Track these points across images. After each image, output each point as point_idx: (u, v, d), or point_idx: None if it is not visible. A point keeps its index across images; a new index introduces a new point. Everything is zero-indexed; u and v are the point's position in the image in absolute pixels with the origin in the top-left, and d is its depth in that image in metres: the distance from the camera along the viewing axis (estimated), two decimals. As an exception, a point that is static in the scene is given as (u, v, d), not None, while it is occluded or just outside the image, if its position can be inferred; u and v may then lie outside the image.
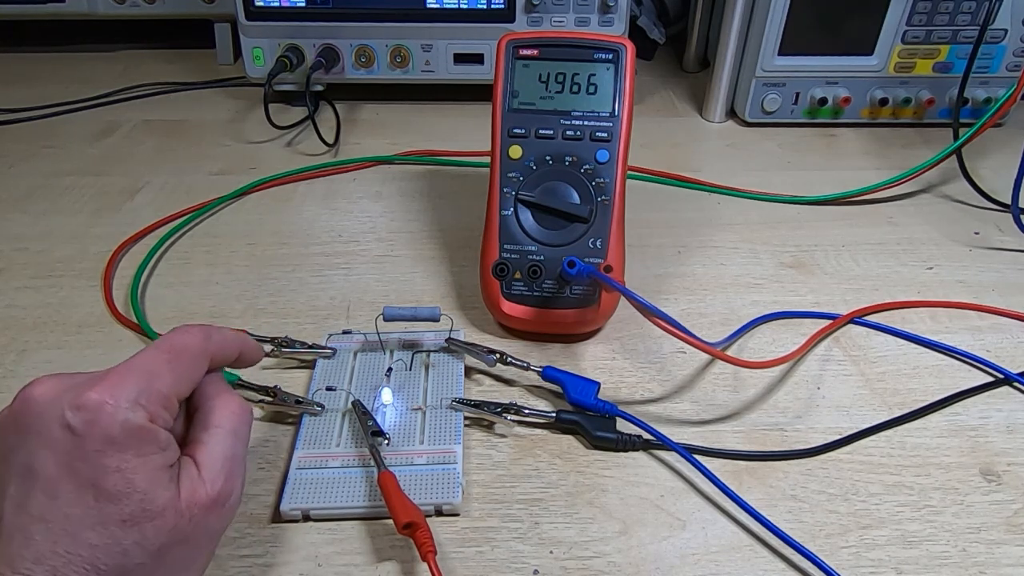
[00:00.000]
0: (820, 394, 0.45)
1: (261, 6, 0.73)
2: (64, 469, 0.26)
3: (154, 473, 0.28)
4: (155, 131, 0.74)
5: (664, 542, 0.37)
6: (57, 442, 0.27)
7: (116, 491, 0.26)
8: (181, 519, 0.28)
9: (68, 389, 0.28)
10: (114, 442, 0.27)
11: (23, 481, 0.27)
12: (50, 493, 0.26)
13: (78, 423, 0.27)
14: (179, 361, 0.30)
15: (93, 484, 0.26)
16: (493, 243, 0.48)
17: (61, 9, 0.84)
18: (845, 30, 0.70)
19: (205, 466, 0.30)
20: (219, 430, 0.31)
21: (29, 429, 0.27)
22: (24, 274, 0.54)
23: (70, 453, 0.27)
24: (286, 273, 0.54)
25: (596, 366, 0.47)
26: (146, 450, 0.27)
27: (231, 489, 0.30)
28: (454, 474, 0.38)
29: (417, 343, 0.47)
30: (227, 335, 0.33)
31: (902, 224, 0.61)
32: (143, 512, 0.27)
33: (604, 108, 0.48)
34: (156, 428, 0.28)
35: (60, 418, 0.27)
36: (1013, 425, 0.43)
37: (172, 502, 0.28)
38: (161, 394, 0.29)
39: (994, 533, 0.37)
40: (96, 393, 0.27)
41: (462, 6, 0.73)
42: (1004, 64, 0.72)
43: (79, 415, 0.27)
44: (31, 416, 0.28)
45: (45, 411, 0.27)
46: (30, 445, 0.27)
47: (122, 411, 0.27)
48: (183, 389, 0.30)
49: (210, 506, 0.29)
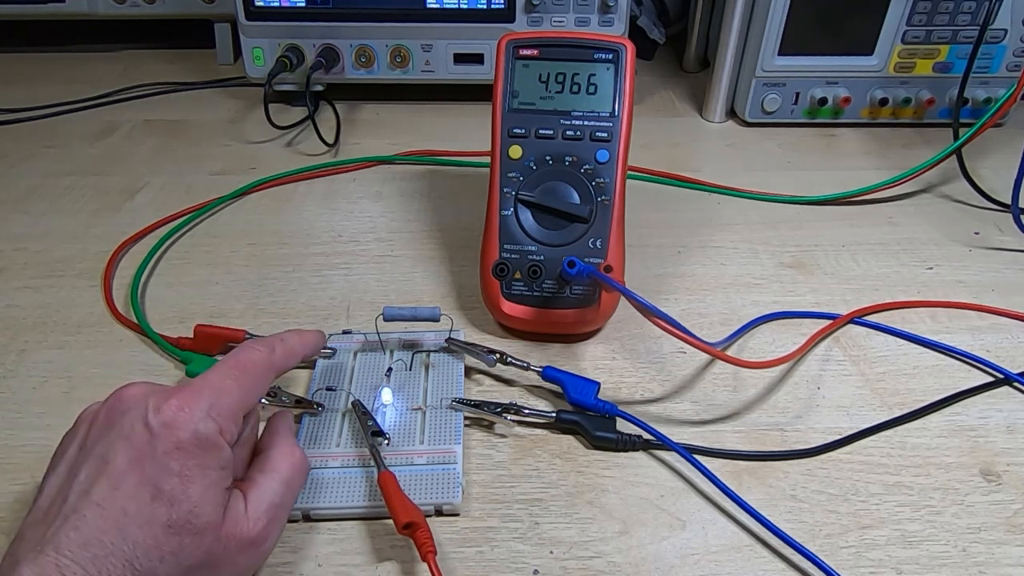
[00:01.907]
0: (820, 394, 0.45)
1: (261, 6, 0.73)
2: (133, 464, 0.28)
3: (208, 489, 0.29)
4: (155, 131, 0.74)
5: (664, 542, 0.37)
6: (134, 438, 0.29)
7: (171, 495, 0.28)
8: (217, 544, 0.29)
9: (155, 393, 0.31)
10: (182, 447, 0.29)
11: (95, 468, 0.29)
12: (114, 483, 0.28)
13: (156, 424, 0.29)
14: (246, 377, 0.33)
15: (153, 483, 0.28)
16: (493, 243, 0.48)
17: (61, 9, 0.84)
18: (845, 30, 0.70)
19: (252, 504, 0.31)
20: (275, 475, 0.33)
21: (114, 423, 0.30)
22: (24, 274, 0.54)
23: (142, 450, 0.29)
24: (286, 273, 0.54)
25: (596, 366, 0.47)
26: (208, 463, 0.30)
27: (268, 535, 0.32)
28: (454, 474, 0.38)
29: (417, 343, 0.47)
30: (291, 345, 0.37)
31: (902, 224, 0.61)
32: (187, 524, 0.28)
33: (604, 108, 0.48)
34: (222, 442, 0.30)
35: (143, 417, 0.29)
36: (1013, 425, 0.43)
37: (215, 525, 0.29)
38: (230, 409, 0.31)
39: (994, 533, 0.37)
40: (176, 400, 0.30)
41: (462, 6, 0.73)
42: (1004, 64, 0.72)
43: (159, 417, 0.29)
44: (118, 412, 0.31)
45: (131, 408, 0.30)
46: (111, 437, 0.30)
47: (195, 420, 0.30)
48: (250, 401, 0.33)
49: (246, 544, 0.31)
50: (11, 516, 0.37)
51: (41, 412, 0.43)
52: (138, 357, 0.47)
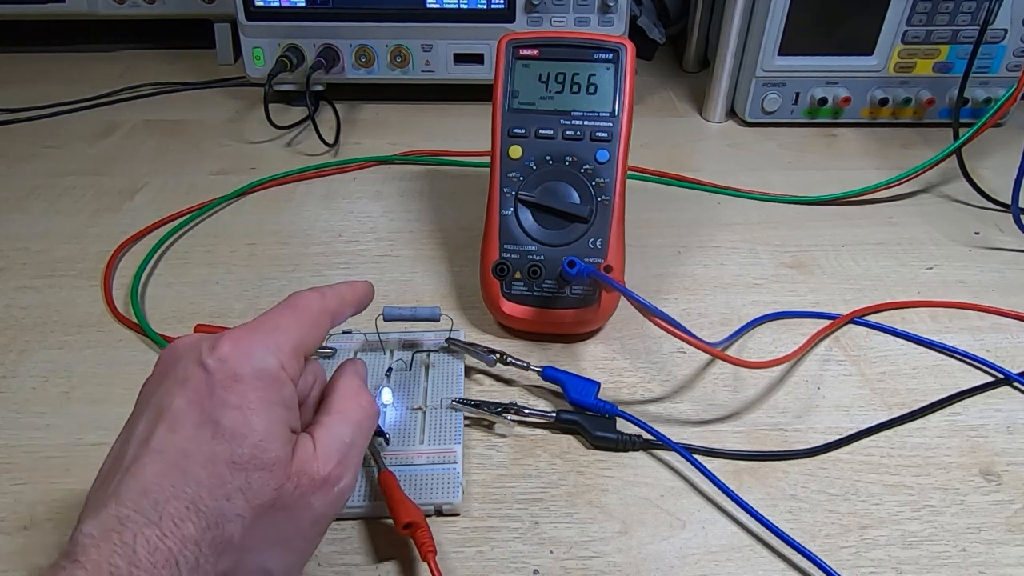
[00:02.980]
0: (820, 394, 0.45)
1: (261, 6, 0.73)
2: (191, 405, 0.27)
3: (273, 423, 0.28)
4: (155, 131, 0.74)
5: (664, 542, 0.37)
6: (190, 379, 0.28)
7: (233, 429, 0.27)
8: (288, 482, 0.28)
9: (207, 338, 0.29)
10: (241, 380, 0.28)
11: (152, 418, 0.28)
12: (172, 426, 0.27)
13: (212, 362, 0.28)
14: (302, 316, 0.32)
15: (213, 420, 0.27)
16: (493, 243, 0.48)
17: (61, 9, 0.84)
18: (845, 30, 0.70)
19: (321, 444, 0.30)
20: (342, 416, 0.31)
21: (168, 371, 0.29)
22: (24, 274, 0.54)
23: (199, 390, 0.28)
24: (286, 273, 0.54)
25: (596, 366, 0.47)
26: (271, 396, 0.28)
27: (341, 474, 0.30)
28: (454, 474, 0.38)
29: (417, 343, 0.47)
30: (339, 288, 0.35)
31: (902, 224, 0.61)
32: (253, 458, 0.27)
33: (604, 108, 0.48)
34: (284, 377, 0.29)
35: (197, 359, 0.28)
36: (1013, 425, 0.43)
37: (284, 461, 0.28)
38: (289, 345, 0.30)
39: (994, 533, 0.37)
40: (230, 338, 0.29)
41: (462, 6, 0.73)
42: (1004, 64, 0.72)
43: (214, 354, 0.28)
44: (171, 360, 0.30)
45: (184, 354, 0.29)
46: (167, 384, 0.29)
47: (254, 354, 0.29)
48: (309, 343, 0.31)
49: (319, 484, 0.29)
50: (11, 516, 0.37)
51: (41, 412, 0.43)
52: (138, 357, 0.47)
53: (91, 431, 0.42)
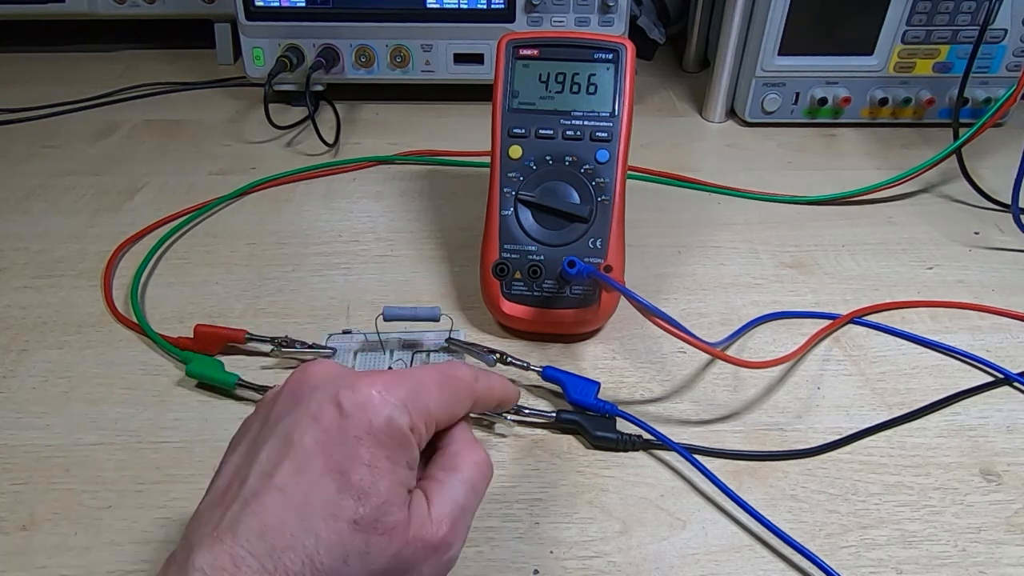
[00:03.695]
0: (820, 394, 0.45)
1: (261, 6, 0.73)
2: (320, 447, 0.26)
3: (397, 486, 0.27)
4: (155, 131, 0.74)
5: (664, 542, 0.37)
6: (323, 417, 0.26)
7: (360, 487, 0.25)
8: (406, 547, 0.26)
9: (347, 374, 0.28)
10: (374, 435, 0.26)
11: (278, 448, 0.26)
12: (299, 466, 0.26)
13: (349, 403, 0.26)
14: (449, 386, 0.30)
15: (341, 471, 0.26)
16: (493, 243, 0.48)
17: (61, 9, 0.84)
18: (845, 30, 0.70)
19: (436, 505, 0.28)
20: (458, 475, 0.29)
21: (301, 399, 0.28)
22: (24, 274, 0.54)
23: (330, 432, 0.26)
24: (286, 273, 0.54)
25: (596, 366, 0.47)
26: (398, 457, 0.27)
27: (453, 540, 0.28)
28: (454, 474, 0.38)
29: (417, 343, 0.47)
30: (494, 380, 0.33)
31: (902, 224, 0.61)
32: (376, 521, 0.26)
33: (604, 108, 0.48)
34: (412, 439, 0.28)
35: (334, 396, 0.27)
36: (1013, 425, 0.43)
37: (403, 525, 0.26)
38: (426, 408, 0.28)
39: (994, 533, 0.37)
40: (370, 382, 0.27)
41: (462, 6, 0.73)
42: (1004, 64, 0.72)
43: (352, 396, 0.27)
44: (307, 387, 0.28)
45: (321, 385, 0.28)
46: (297, 414, 0.27)
47: (390, 406, 0.27)
48: (444, 416, 0.30)
49: (431, 549, 0.27)
50: (11, 516, 0.37)
51: (41, 412, 0.43)
52: (138, 357, 0.47)
53: (91, 431, 0.42)
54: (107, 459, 0.40)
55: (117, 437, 0.42)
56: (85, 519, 0.37)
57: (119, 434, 0.42)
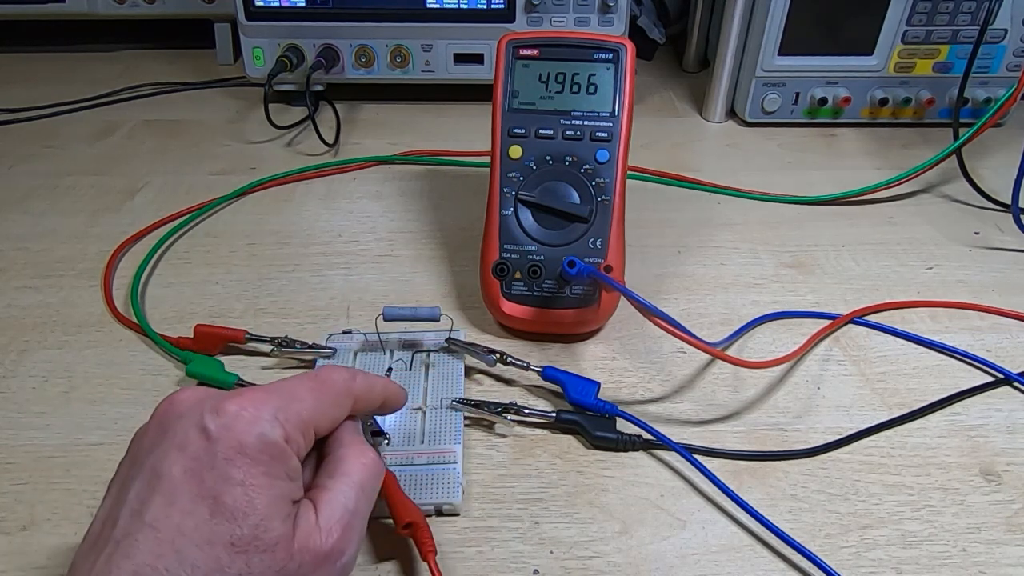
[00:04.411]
0: (820, 394, 0.45)
1: (261, 6, 0.73)
2: (189, 475, 0.25)
3: (276, 501, 0.26)
4: (155, 131, 0.74)
5: (664, 542, 0.37)
6: (190, 444, 0.26)
7: (234, 507, 0.25)
8: (290, 562, 0.26)
9: (211, 397, 0.27)
10: (245, 453, 0.26)
11: (147, 484, 0.26)
12: (168, 498, 0.25)
13: (215, 427, 0.26)
14: (322, 391, 0.29)
15: (213, 496, 0.25)
16: (493, 243, 0.48)
17: (61, 9, 0.83)
18: (845, 30, 0.70)
19: (324, 514, 0.28)
20: (346, 479, 0.29)
21: (167, 431, 0.27)
22: (24, 274, 0.54)
23: (199, 459, 0.26)
24: (286, 273, 0.54)
25: (596, 366, 0.47)
26: (275, 471, 0.26)
27: (345, 546, 0.28)
28: (454, 474, 0.38)
29: (417, 343, 0.47)
30: (372, 379, 0.33)
31: (902, 224, 0.61)
32: (255, 539, 0.25)
33: (604, 108, 0.48)
34: (289, 451, 0.27)
35: (199, 421, 0.26)
36: (1013, 425, 0.43)
37: (286, 540, 0.26)
38: (300, 418, 0.28)
39: (994, 533, 0.37)
40: (237, 402, 0.27)
41: (462, 6, 0.73)
42: (1004, 64, 0.72)
43: (217, 419, 0.26)
44: (171, 417, 0.27)
45: (186, 413, 0.27)
46: (164, 446, 0.26)
47: (260, 422, 0.26)
48: (322, 422, 0.29)
49: (321, 559, 0.27)
50: (11, 516, 0.37)
51: (41, 412, 0.43)
52: (138, 357, 0.47)
53: (91, 431, 0.42)
54: (107, 459, 0.40)
55: (117, 437, 0.42)
56: (85, 519, 0.37)
57: (119, 434, 0.42)
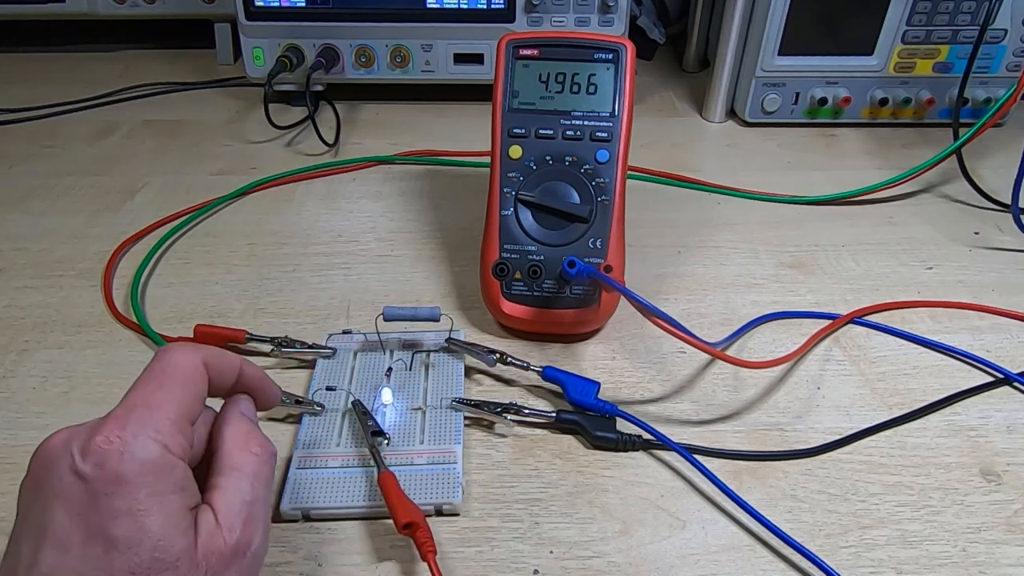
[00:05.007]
0: (820, 394, 0.45)
1: (261, 6, 0.73)
2: (75, 519, 0.25)
3: (170, 517, 0.26)
4: (155, 131, 0.74)
5: (664, 542, 0.37)
6: (68, 491, 0.25)
7: (127, 538, 0.25)
8: (197, 570, 0.26)
9: (76, 436, 0.27)
10: (125, 481, 0.25)
11: (35, 539, 0.25)
12: (60, 548, 0.25)
13: (87, 468, 0.25)
14: (170, 382, 0.28)
15: (103, 533, 0.25)
16: (493, 243, 0.48)
17: (61, 9, 0.84)
18: (845, 30, 0.70)
19: (222, 513, 0.27)
20: (236, 473, 0.29)
21: (42, 483, 0.26)
22: (24, 274, 0.54)
23: (81, 502, 0.25)
24: (286, 273, 0.54)
25: (596, 366, 0.47)
26: (162, 487, 0.26)
27: (250, 537, 0.28)
28: (454, 474, 0.38)
29: (417, 343, 0.47)
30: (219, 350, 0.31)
31: (902, 224, 0.61)
32: (155, 561, 0.25)
33: (604, 108, 0.48)
34: (172, 458, 0.27)
35: (71, 466, 0.26)
36: (1013, 425, 0.43)
37: (188, 551, 0.26)
38: (166, 419, 0.27)
39: (994, 533, 0.37)
40: (102, 435, 0.26)
41: (462, 6, 0.73)
42: (1004, 64, 0.72)
43: (88, 460, 0.25)
44: (43, 469, 0.27)
45: (55, 461, 0.26)
46: (44, 499, 0.26)
47: (131, 447, 0.26)
48: (191, 408, 0.29)
49: (229, 557, 0.27)
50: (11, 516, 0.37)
51: (41, 412, 0.43)
52: (138, 357, 0.47)
53: (91, 431, 0.42)
54: (107, 459, 0.40)
55: (117, 437, 0.42)
56: (85, 519, 0.37)
57: (119, 434, 0.42)
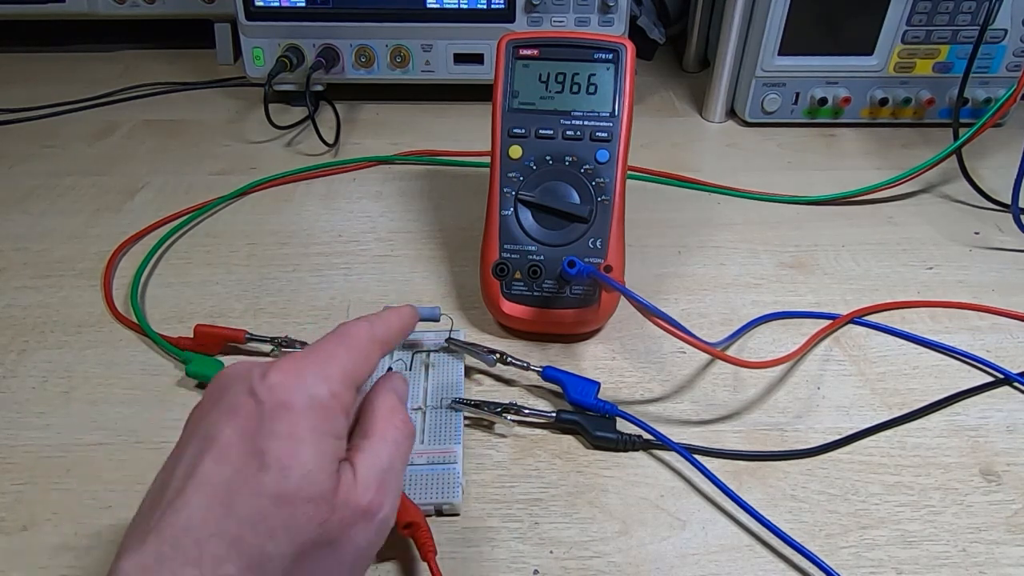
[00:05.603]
0: (820, 394, 0.45)
1: (261, 6, 0.73)
2: (239, 436, 0.26)
3: (322, 456, 0.27)
4: (155, 131, 0.74)
5: (664, 542, 0.37)
6: (239, 409, 0.27)
7: (281, 460, 0.26)
8: (333, 514, 0.27)
9: (258, 366, 0.29)
10: (292, 410, 0.27)
11: (200, 448, 0.27)
12: (219, 458, 0.26)
13: (262, 390, 0.27)
14: (353, 346, 0.31)
15: (260, 451, 0.26)
16: (493, 243, 0.48)
17: (61, 9, 0.84)
18: (845, 30, 0.70)
19: (360, 471, 0.29)
20: (380, 440, 0.30)
21: (218, 400, 0.28)
22: (24, 274, 0.54)
23: (248, 420, 0.27)
24: (286, 273, 0.54)
25: (596, 366, 0.47)
26: (322, 427, 0.27)
27: (382, 502, 0.29)
28: (454, 474, 0.38)
29: (417, 343, 0.47)
30: (386, 317, 0.34)
31: (902, 224, 0.61)
32: (299, 491, 0.26)
33: (604, 108, 0.48)
34: (335, 408, 0.28)
35: (247, 388, 0.28)
36: (1013, 425, 0.43)
37: (329, 493, 0.27)
38: (340, 371, 0.29)
39: (994, 533, 0.37)
40: (282, 367, 0.28)
41: (462, 6, 0.73)
42: (1004, 64, 0.72)
43: (264, 383, 0.27)
44: (221, 390, 0.29)
45: (235, 382, 0.28)
46: (216, 413, 0.28)
47: (306, 383, 0.28)
48: (360, 372, 0.30)
49: (360, 514, 0.28)
50: (11, 516, 0.37)
51: (41, 412, 0.43)
52: (138, 357, 0.47)
53: (91, 431, 0.42)
54: (107, 459, 0.40)
55: (117, 437, 0.42)
56: (85, 519, 0.37)
57: (119, 434, 0.42)
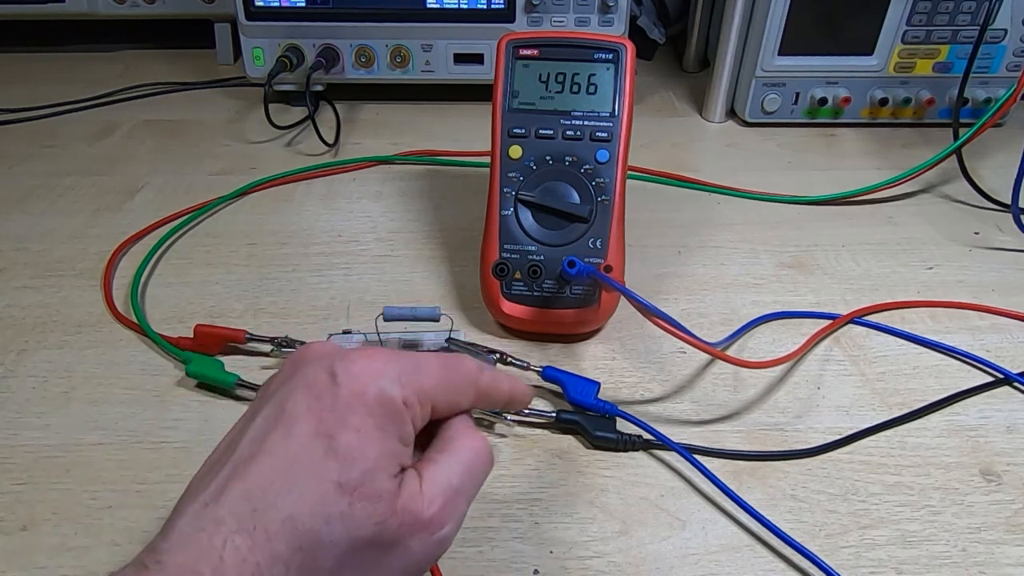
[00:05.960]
0: (820, 394, 0.45)
1: (261, 6, 0.73)
2: (311, 412, 0.26)
3: (386, 456, 0.26)
4: (155, 131, 0.74)
5: (664, 542, 0.37)
6: (316, 385, 0.27)
7: (346, 450, 0.26)
8: (392, 517, 0.26)
9: (344, 349, 0.29)
10: (365, 402, 0.26)
11: (271, 415, 0.27)
12: (288, 431, 0.26)
13: (342, 373, 0.27)
14: (450, 372, 0.30)
15: (329, 435, 0.26)
16: (493, 243, 0.48)
17: (61, 9, 0.84)
18: (845, 30, 0.70)
19: (427, 483, 0.28)
20: (454, 457, 0.29)
21: (297, 371, 0.28)
22: (24, 274, 0.54)
23: (322, 398, 0.27)
24: (286, 273, 0.54)
25: (596, 366, 0.47)
26: (388, 428, 0.27)
27: (444, 520, 0.27)
28: (454, 474, 0.38)
29: (417, 343, 0.47)
30: (498, 375, 0.32)
31: (902, 224, 0.61)
32: (360, 485, 0.25)
33: (604, 108, 0.48)
34: (405, 415, 0.27)
35: (329, 366, 0.27)
36: (1013, 425, 0.43)
37: (390, 495, 0.26)
38: (421, 386, 0.28)
39: (994, 533, 0.37)
40: (367, 356, 0.28)
41: (462, 6, 0.73)
42: (1004, 64, 0.72)
43: (346, 366, 0.27)
44: (304, 361, 0.28)
45: (317, 359, 0.28)
46: (291, 384, 0.27)
47: (384, 378, 0.27)
48: (442, 402, 0.29)
49: (421, 525, 0.27)
50: (11, 516, 0.37)
51: (41, 412, 0.43)
52: (138, 357, 0.47)
53: (91, 431, 0.42)
54: (107, 459, 0.40)
55: (117, 437, 0.42)
56: (85, 519, 0.37)
57: (119, 434, 0.42)
